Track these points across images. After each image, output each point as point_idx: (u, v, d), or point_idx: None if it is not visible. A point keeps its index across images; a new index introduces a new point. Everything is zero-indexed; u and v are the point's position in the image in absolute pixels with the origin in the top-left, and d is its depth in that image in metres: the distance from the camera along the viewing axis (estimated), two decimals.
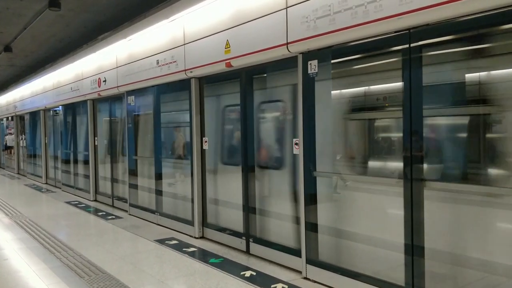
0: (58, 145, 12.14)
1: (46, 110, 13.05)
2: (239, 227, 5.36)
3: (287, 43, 4.23)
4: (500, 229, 3.27)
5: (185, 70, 5.89)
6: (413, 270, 3.34)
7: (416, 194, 3.30)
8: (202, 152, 6.02)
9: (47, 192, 11.44)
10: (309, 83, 4.19)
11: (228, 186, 5.88)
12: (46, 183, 13.20)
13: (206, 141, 5.97)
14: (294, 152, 4.45)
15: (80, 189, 10.41)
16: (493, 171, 3.43)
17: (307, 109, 4.23)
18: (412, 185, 3.31)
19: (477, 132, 3.57)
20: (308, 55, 4.17)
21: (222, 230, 5.71)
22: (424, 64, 3.27)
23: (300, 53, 4.23)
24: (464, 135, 3.81)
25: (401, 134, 3.43)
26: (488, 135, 3.51)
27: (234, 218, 5.49)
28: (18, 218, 7.66)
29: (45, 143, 13.34)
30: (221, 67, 5.23)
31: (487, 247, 3.29)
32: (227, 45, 5.06)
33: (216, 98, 6.16)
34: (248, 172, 5.20)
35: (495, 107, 3.38)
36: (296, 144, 4.40)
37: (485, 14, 2.86)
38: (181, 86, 6.22)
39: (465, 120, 3.70)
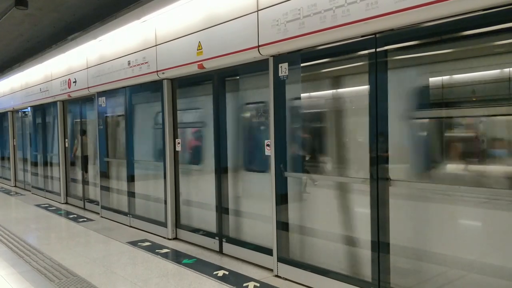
0: (27, 147, 11.86)
1: (14, 111, 12.72)
2: (212, 228, 5.39)
3: (259, 46, 4.30)
4: None
5: (157, 71, 5.87)
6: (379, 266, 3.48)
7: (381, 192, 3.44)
8: (175, 153, 6.01)
9: (16, 195, 11.13)
10: (279, 85, 4.27)
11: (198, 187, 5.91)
12: (15, 186, 12.88)
13: (179, 143, 5.97)
14: (266, 153, 4.52)
15: (50, 192, 10.19)
16: None
17: (278, 111, 4.31)
18: (378, 184, 3.45)
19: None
20: (278, 58, 4.25)
21: (196, 230, 5.73)
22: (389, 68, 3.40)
23: (271, 56, 4.31)
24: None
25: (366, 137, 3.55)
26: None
27: (208, 218, 5.51)
28: None
29: (14, 145, 13.02)
30: (193, 69, 5.25)
31: None
32: (199, 46, 5.08)
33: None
34: (221, 173, 5.24)
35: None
36: (268, 145, 4.47)
37: (444, 21, 3.00)
38: (154, 87, 6.20)
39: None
